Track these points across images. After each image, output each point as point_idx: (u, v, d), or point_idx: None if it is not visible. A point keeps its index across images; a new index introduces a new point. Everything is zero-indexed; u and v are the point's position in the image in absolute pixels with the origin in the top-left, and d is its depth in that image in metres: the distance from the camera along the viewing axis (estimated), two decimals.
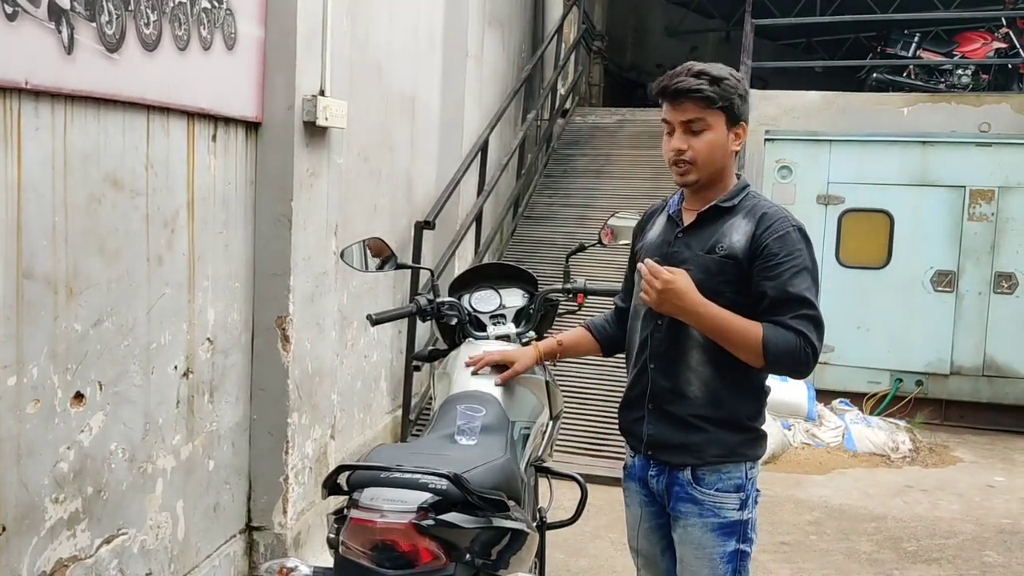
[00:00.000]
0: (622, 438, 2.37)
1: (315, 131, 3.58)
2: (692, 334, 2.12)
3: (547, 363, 2.64)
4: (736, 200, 2.15)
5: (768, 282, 2.04)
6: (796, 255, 2.05)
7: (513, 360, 2.47)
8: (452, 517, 1.80)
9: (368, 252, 2.80)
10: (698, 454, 2.14)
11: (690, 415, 2.15)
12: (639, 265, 2.14)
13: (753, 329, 2.03)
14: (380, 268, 2.84)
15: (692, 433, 2.14)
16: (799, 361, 2.02)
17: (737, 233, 2.10)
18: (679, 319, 2.10)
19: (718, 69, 2.11)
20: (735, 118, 2.12)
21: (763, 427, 2.22)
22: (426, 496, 1.80)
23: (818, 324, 2.04)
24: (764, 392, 2.21)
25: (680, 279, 2.05)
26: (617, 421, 2.36)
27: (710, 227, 2.15)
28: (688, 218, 2.20)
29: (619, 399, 2.36)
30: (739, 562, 2.17)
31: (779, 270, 2.04)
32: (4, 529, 2.32)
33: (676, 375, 2.16)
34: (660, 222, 2.30)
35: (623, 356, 2.39)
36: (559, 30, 8.51)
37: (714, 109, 2.08)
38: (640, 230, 2.39)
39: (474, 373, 2.45)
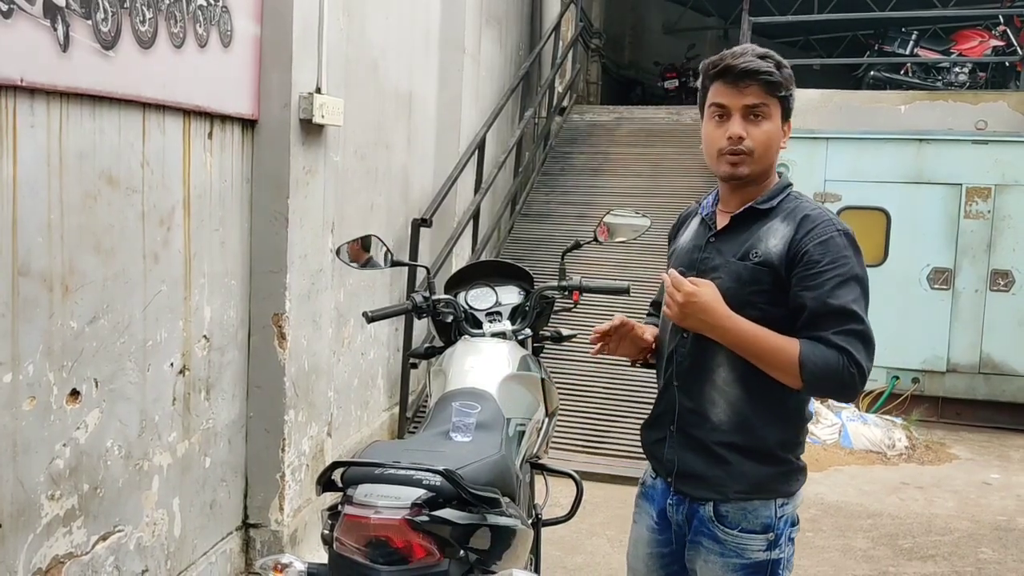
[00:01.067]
0: (618, 435, 2.35)
1: (311, 129, 3.58)
2: (720, 350, 1.92)
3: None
4: (775, 201, 1.95)
5: (808, 292, 1.83)
6: (841, 263, 1.83)
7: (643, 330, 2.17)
8: (446, 513, 1.80)
9: (364, 249, 2.80)
10: (720, 489, 1.93)
11: (714, 442, 1.94)
12: (663, 276, 1.97)
13: (789, 347, 1.82)
14: (376, 266, 2.84)
15: (715, 464, 1.94)
16: (844, 383, 1.80)
17: (774, 238, 1.89)
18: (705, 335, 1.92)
19: (775, 56, 1.93)
20: (788, 111, 1.96)
21: (799, 458, 1.98)
22: (420, 492, 1.80)
23: (867, 341, 1.81)
24: (803, 418, 1.98)
25: (705, 292, 1.87)
26: (612, 419, 2.33)
27: (745, 231, 1.95)
28: (722, 221, 2.00)
29: (617, 396, 2.34)
30: None
31: (821, 279, 1.82)
32: (0, 526, 2.32)
33: (700, 395, 1.96)
34: (693, 225, 2.10)
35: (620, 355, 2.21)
36: (556, 28, 8.51)
37: (776, 97, 1.91)
38: (673, 235, 2.20)
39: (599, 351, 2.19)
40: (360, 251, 2.79)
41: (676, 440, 2.01)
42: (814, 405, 6.50)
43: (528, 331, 2.79)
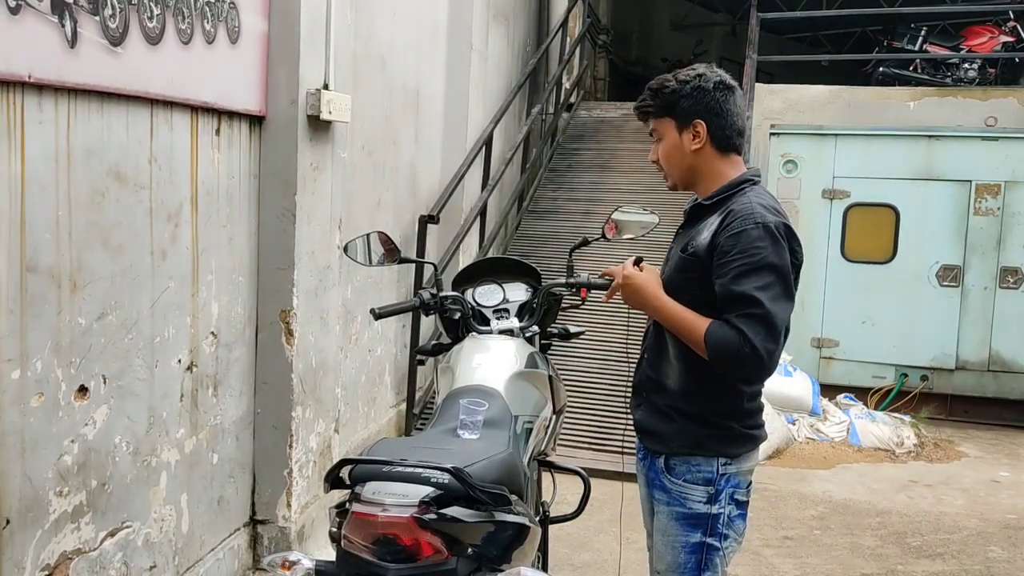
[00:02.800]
0: (625, 433, 2.42)
1: (319, 125, 3.58)
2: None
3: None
4: (716, 198, 2.17)
5: (718, 280, 2.05)
6: (752, 252, 2.01)
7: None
8: (454, 511, 1.80)
9: (372, 246, 2.80)
10: (669, 444, 2.21)
11: (666, 405, 2.22)
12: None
13: (701, 324, 2.05)
14: (384, 262, 2.83)
15: (665, 422, 2.22)
16: (741, 361, 1.99)
17: (707, 231, 2.12)
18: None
19: (662, 79, 2.21)
20: (684, 119, 2.16)
21: (745, 426, 2.19)
22: (428, 490, 1.79)
23: (768, 324, 1.98)
24: (741, 391, 2.16)
25: (640, 276, 2.19)
26: (619, 415, 2.42)
27: (694, 225, 2.21)
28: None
29: (624, 393, 2.42)
30: (705, 555, 2.17)
31: (727, 268, 2.03)
32: (8, 522, 2.32)
33: (659, 367, 2.25)
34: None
35: (622, 349, 2.48)
36: (564, 24, 8.49)
37: (659, 118, 2.20)
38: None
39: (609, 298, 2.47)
40: (368, 248, 2.79)
41: (645, 404, 2.31)
42: (818, 402, 6.49)
43: (535, 328, 2.79)
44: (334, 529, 1.88)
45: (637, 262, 2.27)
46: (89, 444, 2.61)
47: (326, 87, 3.57)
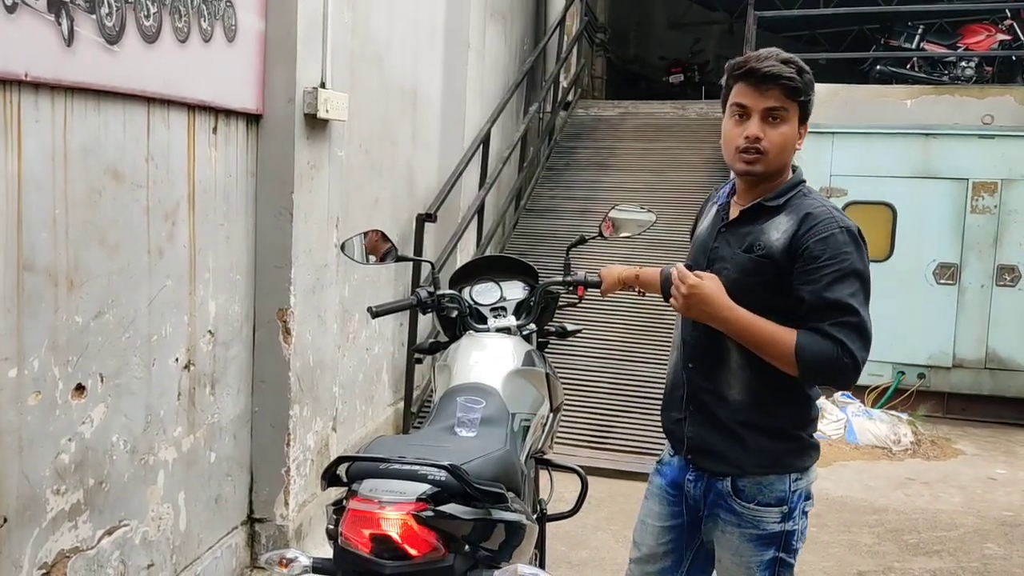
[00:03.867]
0: (623, 430, 2.39)
1: (316, 123, 3.58)
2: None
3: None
4: (783, 199, 2.04)
5: (807, 287, 1.92)
6: (842, 258, 1.92)
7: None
8: (451, 508, 1.80)
9: (369, 245, 2.80)
10: (739, 465, 2.05)
11: (731, 421, 2.06)
12: (671, 268, 2.07)
13: (786, 336, 1.92)
14: (381, 261, 2.83)
15: (733, 441, 2.05)
16: (838, 371, 1.89)
17: (777, 232, 1.99)
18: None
19: (790, 57, 2.01)
20: (806, 115, 2.04)
21: (811, 435, 2.11)
22: (425, 487, 1.80)
23: (862, 332, 1.90)
24: (811, 397, 2.09)
25: (707, 285, 1.97)
26: (617, 414, 2.37)
27: (752, 224, 2.05)
28: (734, 213, 2.12)
29: (622, 392, 2.39)
30: (777, 568, 2.09)
31: (819, 274, 1.91)
32: (6, 520, 2.32)
33: (716, 377, 2.08)
34: (711, 213, 2.21)
35: (619, 344, 2.40)
36: (561, 22, 8.48)
37: (795, 101, 1.99)
38: (697, 217, 2.31)
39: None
40: (365, 246, 2.79)
41: (694, 419, 2.13)
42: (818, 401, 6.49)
43: (533, 326, 2.79)
44: (331, 526, 1.88)
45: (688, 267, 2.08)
46: (86, 442, 2.61)
47: (323, 86, 3.57)
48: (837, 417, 6.36)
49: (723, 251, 2.08)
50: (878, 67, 9.11)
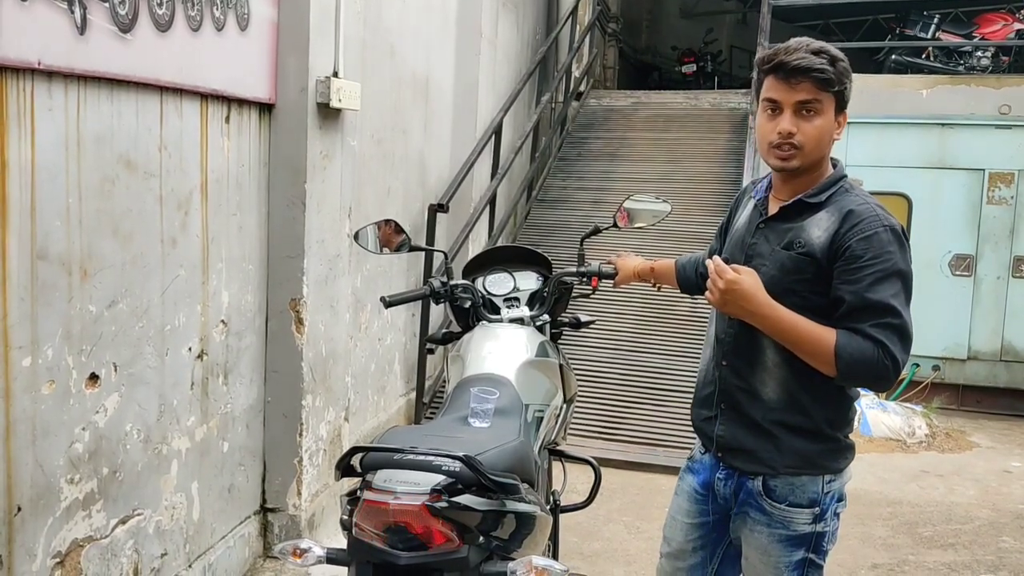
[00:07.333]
0: (636, 422, 2.37)
1: (328, 113, 3.57)
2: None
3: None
4: (824, 195, 1.99)
5: (848, 286, 1.88)
6: (884, 258, 1.88)
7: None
8: (465, 499, 1.79)
9: (382, 234, 2.79)
10: (771, 464, 2.01)
11: (765, 419, 2.01)
12: (708, 261, 2.02)
13: (826, 336, 1.87)
14: (394, 251, 2.82)
15: (765, 440, 2.01)
16: (877, 374, 1.85)
17: (818, 229, 1.94)
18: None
19: (834, 48, 1.95)
20: (843, 104, 1.97)
21: (847, 435, 2.06)
22: (439, 478, 1.79)
23: (903, 335, 1.87)
24: (850, 397, 2.04)
25: (746, 280, 1.91)
26: (630, 405, 2.35)
27: (792, 221, 2.00)
28: (772, 208, 2.06)
29: (635, 383, 2.37)
30: (806, 569, 2.04)
31: (861, 274, 1.87)
32: (20, 509, 2.33)
33: (750, 375, 2.04)
34: (748, 208, 2.16)
35: (633, 335, 2.37)
36: (573, 12, 8.45)
37: (828, 92, 1.93)
38: (733, 210, 2.26)
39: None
40: (378, 236, 2.78)
41: (726, 417, 2.09)
42: None
43: (546, 317, 2.78)
44: (345, 517, 1.88)
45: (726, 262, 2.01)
46: (100, 432, 2.61)
47: (336, 75, 3.55)
48: None
49: (761, 247, 2.03)
50: (893, 57, 9.03)
